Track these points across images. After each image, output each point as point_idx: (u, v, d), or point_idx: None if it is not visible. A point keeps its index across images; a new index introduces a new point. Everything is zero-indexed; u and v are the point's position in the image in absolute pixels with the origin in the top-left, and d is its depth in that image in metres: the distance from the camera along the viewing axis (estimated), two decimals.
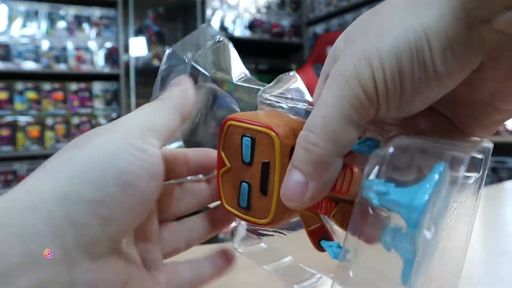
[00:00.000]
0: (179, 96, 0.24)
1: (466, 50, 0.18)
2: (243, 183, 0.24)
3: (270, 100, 0.26)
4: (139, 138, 0.21)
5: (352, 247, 0.19)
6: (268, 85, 0.26)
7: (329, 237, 0.24)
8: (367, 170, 0.19)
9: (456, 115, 0.22)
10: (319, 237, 0.24)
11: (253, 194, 0.24)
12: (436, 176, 0.18)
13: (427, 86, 0.18)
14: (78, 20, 2.36)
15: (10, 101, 2.20)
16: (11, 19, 2.20)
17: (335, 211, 0.22)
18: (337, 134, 0.19)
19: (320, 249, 0.24)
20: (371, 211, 0.19)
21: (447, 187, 0.19)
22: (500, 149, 2.52)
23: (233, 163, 0.24)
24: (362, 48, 0.18)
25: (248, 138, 0.23)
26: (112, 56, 2.41)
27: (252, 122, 0.23)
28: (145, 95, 2.44)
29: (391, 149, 0.19)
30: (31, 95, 2.24)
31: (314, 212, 0.23)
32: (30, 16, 2.24)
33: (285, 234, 0.27)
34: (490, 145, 0.22)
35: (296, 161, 0.20)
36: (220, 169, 0.25)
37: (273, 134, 0.22)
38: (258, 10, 2.89)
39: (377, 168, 0.19)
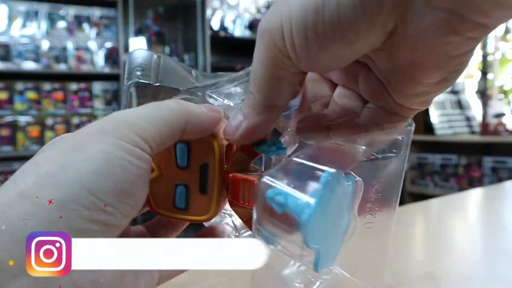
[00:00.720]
0: (188, 110, 0.23)
1: (378, 8, 0.17)
2: (179, 186, 0.26)
3: (215, 97, 0.28)
4: (134, 143, 0.20)
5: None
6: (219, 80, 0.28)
7: None
8: (265, 182, 0.21)
9: (387, 81, 0.22)
10: None
11: (192, 195, 0.26)
12: (321, 189, 0.20)
13: (333, 41, 0.18)
14: (78, 20, 2.36)
15: (10, 101, 2.20)
16: (11, 19, 2.20)
17: None
18: (261, 86, 0.21)
19: None
20: (276, 218, 0.21)
21: (349, 186, 0.22)
22: (500, 149, 2.52)
23: (165, 169, 0.26)
24: (278, 4, 0.20)
25: (183, 145, 0.25)
26: (112, 56, 2.40)
27: None
28: (145, 95, 2.43)
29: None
30: (31, 95, 2.24)
31: (244, 207, 0.25)
32: (30, 16, 2.24)
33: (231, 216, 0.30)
34: (411, 127, 0.25)
35: (242, 104, 0.23)
36: None
37: (214, 141, 0.25)
38: (258, 10, 2.89)
39: (275, 177, 0.21)
